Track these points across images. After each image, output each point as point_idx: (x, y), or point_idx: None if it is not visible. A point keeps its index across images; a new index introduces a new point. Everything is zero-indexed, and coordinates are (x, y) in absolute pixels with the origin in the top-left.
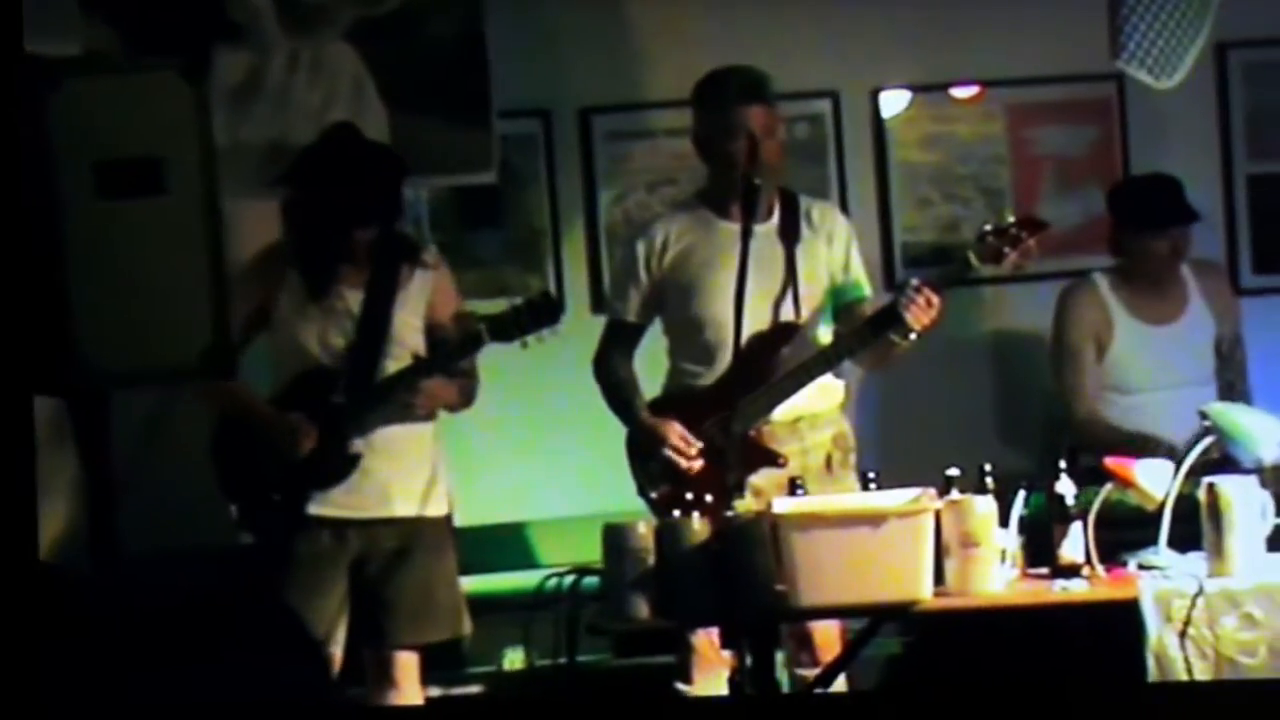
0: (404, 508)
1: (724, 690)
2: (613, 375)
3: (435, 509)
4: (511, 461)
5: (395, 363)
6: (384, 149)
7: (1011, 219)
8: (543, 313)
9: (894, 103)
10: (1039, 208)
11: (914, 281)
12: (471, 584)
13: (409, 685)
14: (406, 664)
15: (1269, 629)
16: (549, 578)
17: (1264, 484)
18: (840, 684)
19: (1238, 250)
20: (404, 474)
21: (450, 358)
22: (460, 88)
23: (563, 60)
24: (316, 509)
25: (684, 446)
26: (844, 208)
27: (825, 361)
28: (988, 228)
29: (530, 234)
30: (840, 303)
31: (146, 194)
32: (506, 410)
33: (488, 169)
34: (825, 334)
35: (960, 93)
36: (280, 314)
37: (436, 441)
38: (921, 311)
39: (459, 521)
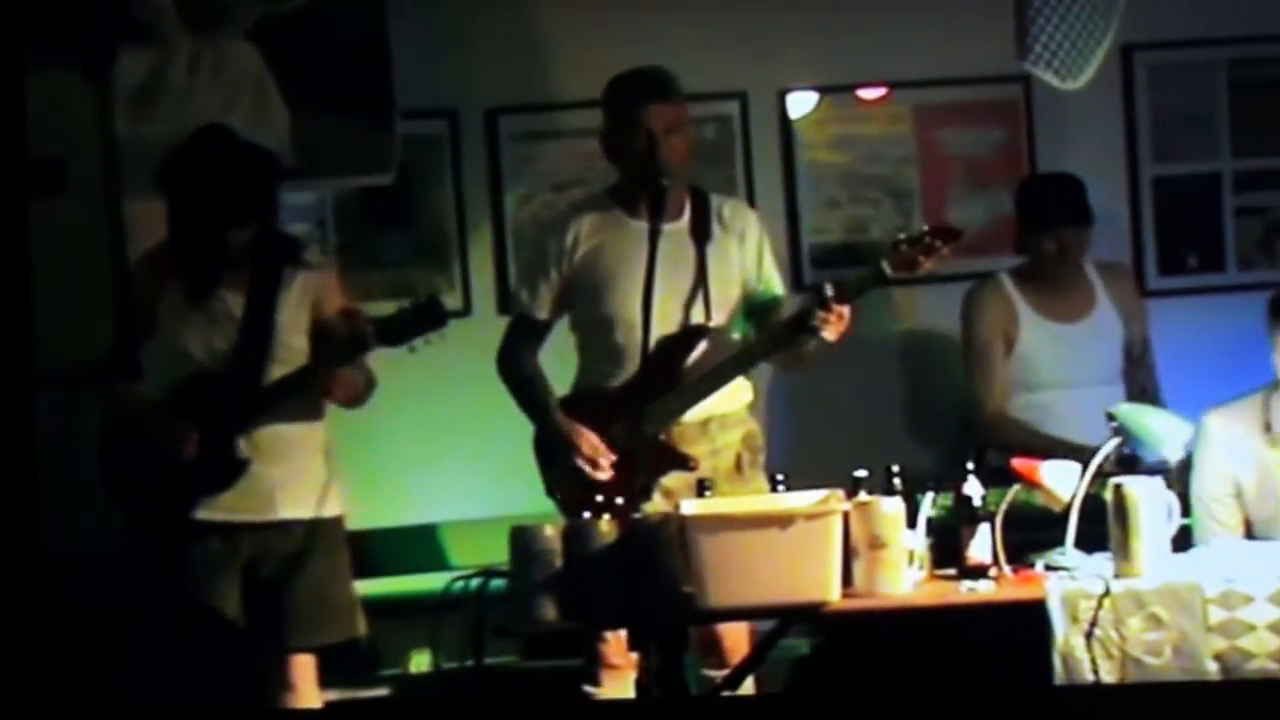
0: (293, 510)
1: (631, 693)
2: (520, 372)
3: (326, 510)
4: (419, 463)
5: (281, 365)
6: (256, 149)
7: (925, 227)
8: (428, 317)
9: (801, 104)
10: (947, 209)
11: (828, 291)
12: (378, 586)
13: (306, 688)
14: (303, 666)
15: (1174, 629)
16: (456, 580)
17: (1170, 485)
18: (748, 686)
19: (1143, 252)
20: (292, 476)
21: (336, 360)
22: (362, 88)
23: (469, 61)
24: (205, 514)
25: (596, 455)
26: (752, 209)
27: (738, 365)
28: (901, 236)
29: (437, 235)
30: (752, 303)
31: (48, 193)
32: (413, 411)
33: (387, 170)
34: (737, 335)
35: (867, 94)
36: (163, 318)
37: (327, 443)
38: (833, 326)
39: (366, 524)
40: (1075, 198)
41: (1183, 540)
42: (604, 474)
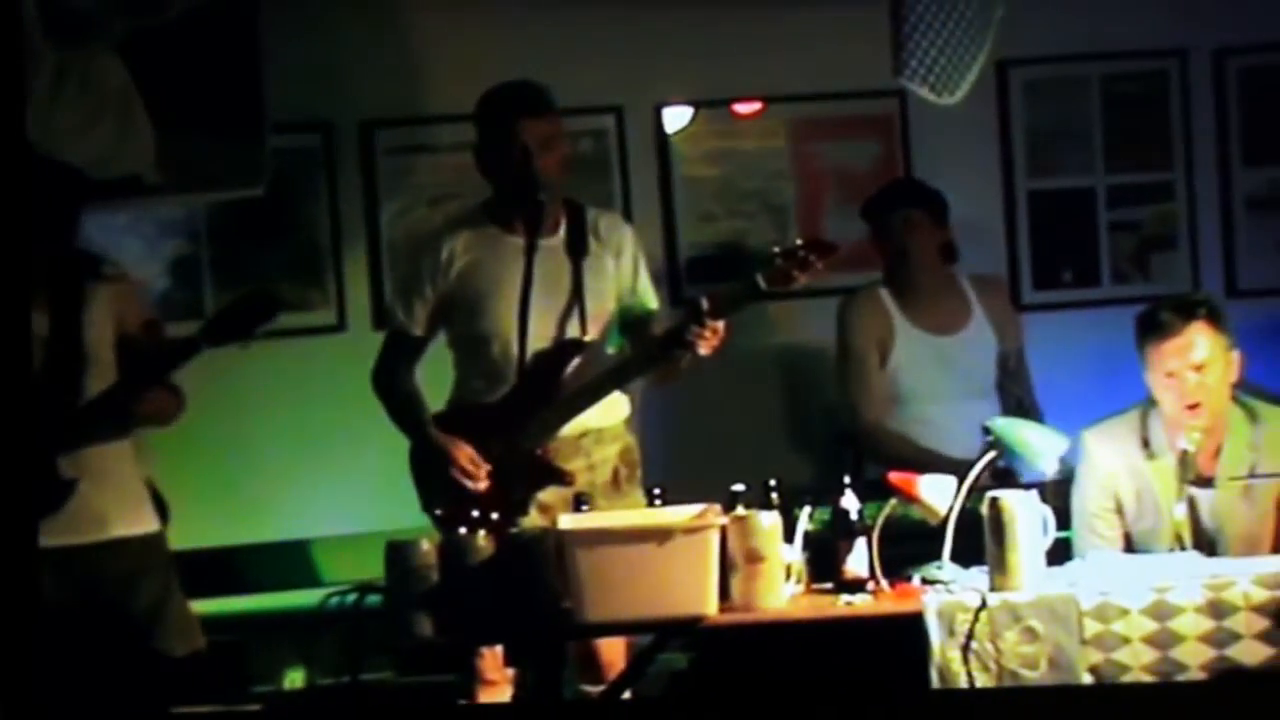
0: (125, 528)
1: None
2: (396, 388)
3: (150, 525)
4: (293, 478)
5: (93, 380)
6: (57, 166)
7: (799, 241)
8: (257, 311)
9: (677, 118)
10: (822, 223)
11: (703, 305)
12: (252, 602)
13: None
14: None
15: (1049, 642)
16: (331, 596)
17: (1045, 498)
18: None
19: (1019, 266)
20: (117, 494)
21: (164, 367)
22: (232, 101)
23: (344, 74)
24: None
25: (471, 468)
26: (628, 223)
27: (613, 380)
28: (776, 250)
29: (311, 249)
30: (627, 318)
31: None
32: (288, 426)
33: (257, 183)
34: (612, 349)
35: (743, 108)
36: None
37: (139, 458)
38: (707, 341)
39: (238, 539)
40: (906, 184)
41: (1061, 553)
42: (480, 486)
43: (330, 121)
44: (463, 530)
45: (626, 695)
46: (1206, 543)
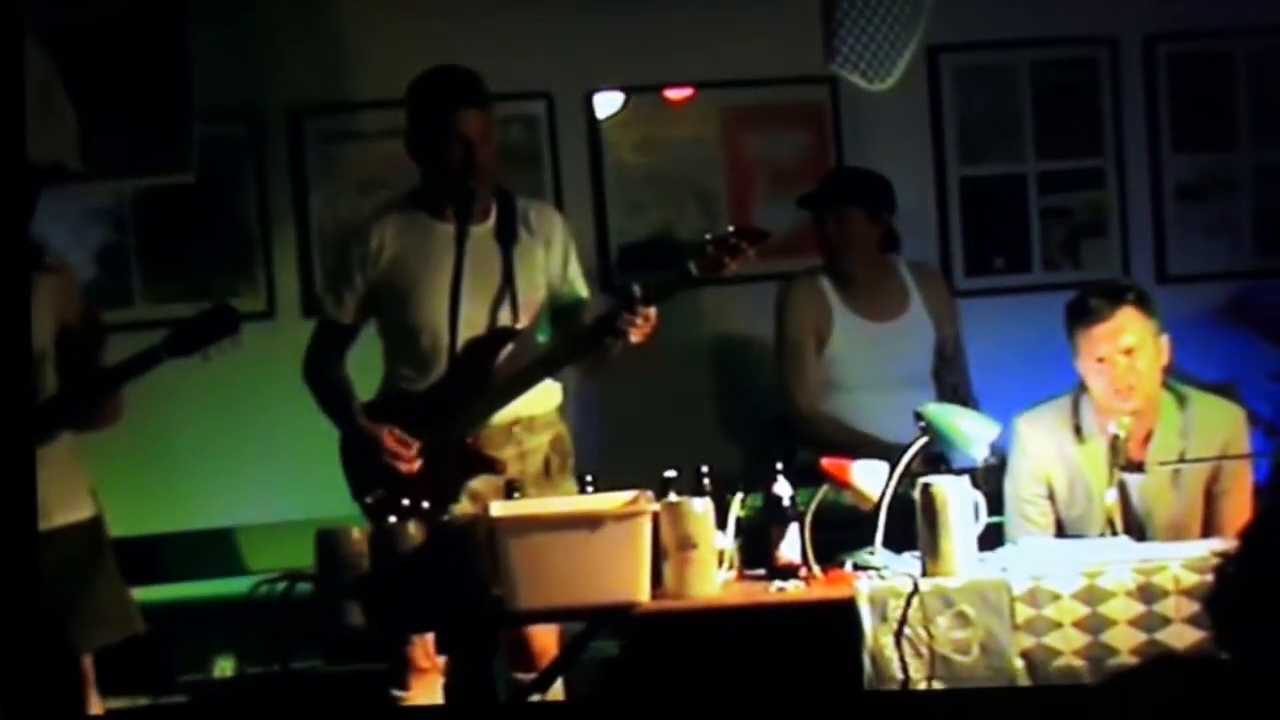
0: (64, 515)
1: (439, 697)
2: (326, 377)
3: (86, 511)
4: (222, 465)
5: (39, 372)
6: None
7: (731, 228)
8: (220, 324)
9: (608, 105)
10: (752, 212)
11: (636, 291)
12: (181, 590)
13: (87, 693)
14: (83, 671)
15: (981, 627)
16: (261, 584)
17: (976, 484)
18: (558, 688)
19: (950, 253)
20: (58, 484)
21: (124, 377)
22: (158, 88)
23: (273, 60)
24: None
25: (401, 451)
26: (559, 211)
27: (544, 368)
28: (708, 237)
29: (240, 236)
30: (558, 306)
31: None
32: (217, 414)
33: (186, 170)
34: (543, 338)
35: (673, 95)
36: None
37: (76, 444)
38: (639, 329)
39: (163, 527)
40: (844, 178)
41: (994, 539)
42: (411, 469)
43: (258, 108)
44: (393, 518)
45: (559, 683)
46: (1136, 527)
